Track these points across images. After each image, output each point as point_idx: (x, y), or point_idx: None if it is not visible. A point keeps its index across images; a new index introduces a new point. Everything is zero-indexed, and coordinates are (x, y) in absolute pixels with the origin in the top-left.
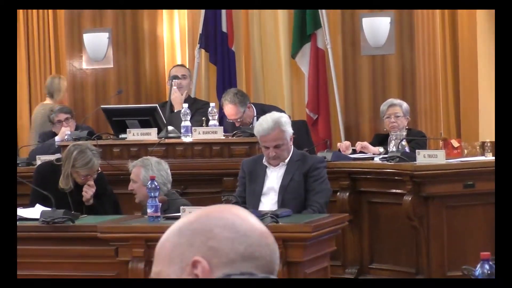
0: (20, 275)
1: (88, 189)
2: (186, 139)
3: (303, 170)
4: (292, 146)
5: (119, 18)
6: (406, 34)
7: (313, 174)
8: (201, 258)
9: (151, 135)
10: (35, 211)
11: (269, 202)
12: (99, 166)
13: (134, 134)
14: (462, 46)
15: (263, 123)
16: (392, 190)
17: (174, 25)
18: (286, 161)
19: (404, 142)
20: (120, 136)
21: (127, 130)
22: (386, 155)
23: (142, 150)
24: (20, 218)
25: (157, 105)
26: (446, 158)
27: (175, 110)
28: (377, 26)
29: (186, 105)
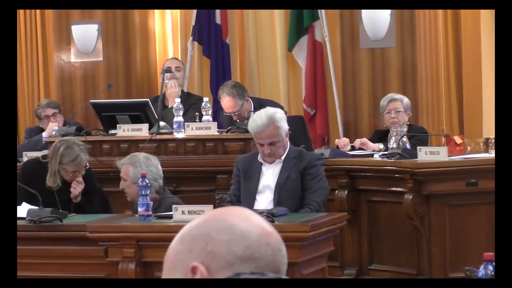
0: None
1: (76, 185)
2: (179, 135)
3: (300, 168)
4: (288, 142)
5: (109, 10)
6: (407, 26)
7: (310, 172)
8: (199, 264)
9: (142, 131)
10: (22, 210)
11: (264, 201)
12: (87, 162)
13: (125, 130)
14: (465, 38)
15: (257, 119)
16: (392, 188)
17: (166, 16)
18: (282, 158)
19: (404, 139)
20: (110, 132)
21: (117, 125)
22: (386, 152)
23: (133, 146)
24: None
25: (148, 99)
26: (449, 155)
27: (169, 106)
28: (377, 18)
29: (178, 99)
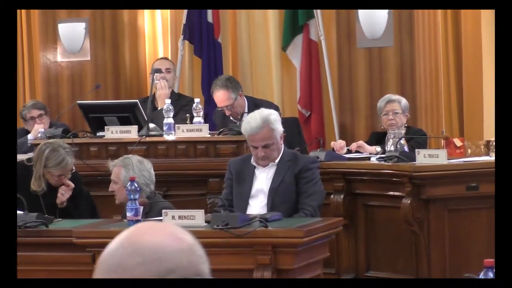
0: None
1: (65, 191)
2: (169, 137)
3: (295, 171)
4: (282, 145)
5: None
6: (405, 25)
7: (305, 175)
8: None
9: (131, 133)
10: None
11: (257, 205)
12: (74, 166)
13: (113, 132)
14: (465, 37)
15: (251, 121)
16: (390, 192)
17: (156, 15)
18: (276, 161)
19: (402, 141)
20: (97, 134)
21: (105, 127)
22: (383, 155)
23: (122, 149)
24: None
25: (137, 100)
26: (448, 158)
27: (159, 107)
28: (374, 16)
29: (168, 101)
